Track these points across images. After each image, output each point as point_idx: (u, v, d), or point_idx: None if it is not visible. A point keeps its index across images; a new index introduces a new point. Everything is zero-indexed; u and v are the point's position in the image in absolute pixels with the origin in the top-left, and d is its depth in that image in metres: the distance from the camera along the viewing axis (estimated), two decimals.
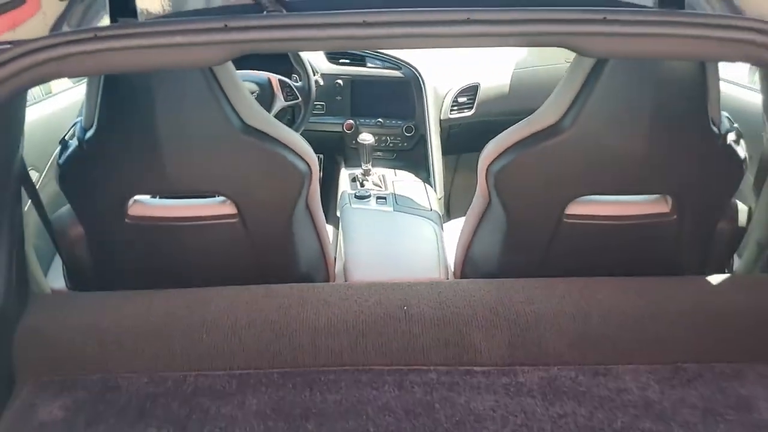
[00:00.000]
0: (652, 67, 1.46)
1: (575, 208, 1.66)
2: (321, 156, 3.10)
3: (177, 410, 1.37)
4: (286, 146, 1.60)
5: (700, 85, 1.46)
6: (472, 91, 2.89)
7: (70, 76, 1.58)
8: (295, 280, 1.72)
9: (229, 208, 1.64)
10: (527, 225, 1.72)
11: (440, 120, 2.88)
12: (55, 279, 1.83)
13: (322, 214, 1.88)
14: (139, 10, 1.27)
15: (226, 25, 1.16)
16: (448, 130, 2.90)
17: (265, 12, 1.20)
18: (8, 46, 1.15)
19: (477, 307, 1.55)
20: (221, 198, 1.65)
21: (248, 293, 1.58)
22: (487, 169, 1.68)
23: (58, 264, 1.87)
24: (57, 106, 2.32)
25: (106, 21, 1.30)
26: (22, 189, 1.55)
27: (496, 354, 1.51)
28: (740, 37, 1.18)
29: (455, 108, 2.89)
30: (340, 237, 2.29)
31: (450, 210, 3.02)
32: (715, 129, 1.52)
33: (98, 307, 1.54)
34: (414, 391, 1.42)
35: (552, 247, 1.73)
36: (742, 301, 1.55)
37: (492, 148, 1.66)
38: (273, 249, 1.71)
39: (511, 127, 1.65)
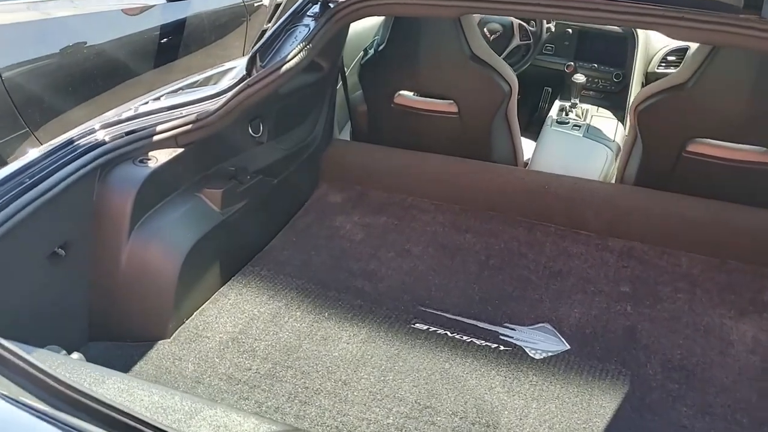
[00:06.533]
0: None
1: (694, 147, 2.33)
2: (549, 89, 3.90)
3: (398, 212, 2.42)
4: (497, 71, 2.49)
5: None
6: (681, 51, 3.44)
7: (375, 15, 2.53)
8: None
9: (453, 108, 2.60)
10: (656, 154, 2.42)
11: (647, 72, 3.49)
12: (344, 136, 2.97)
13: (517, 125, 2.75)
14: None
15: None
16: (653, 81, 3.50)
17: None
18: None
19: (595, 196, 2.35)
20: (449, 100, 2.60)
21: (452, 161, 2.54)
22: (635, 109, 2.41)
23: (346, 129, 3.01)
24: (360, 26, 3.40)
25: None
26: (339, 76, 2.66)
27: (598, 226, 2.31)
28: None
29: (663, 64, 3.47)
30: (534, 149, 3.13)
31: None
32: None
33: (367, 151, 2.64)
34: (536, 234, 2.31)
35: (672, 175, 2.42)
36: None
37: (640, 94, 2.39)
38: (476, 139, 2.64)
39: (657, 81, 2.35)
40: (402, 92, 2.66)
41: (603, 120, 3.27)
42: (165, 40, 3.77)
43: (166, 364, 1.73)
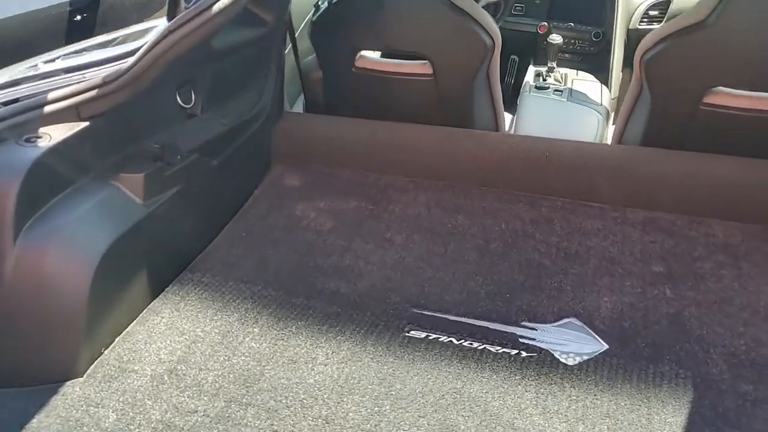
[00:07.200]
0: None
1: (712, 98, 1.96)
2: (516, 58, 3.51)
3: (372, 194, 1.98)
4: (478, 23, 2.07)
5: None
6: (664, 5, 3.10)
7: None
8: None
9: (427, 69, 2.17)
10: (668, 109, 2.05)
11: (628, 30, 3.14)
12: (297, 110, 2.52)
13: (500, 87, 2.35)
14: None
15: None
16: (636, 40, 3.14)
17: None
18: None
19: (605, 161, 1.96)
20: (423, 61, 2.17)
21: (431, 130, 2.12)
22: (641, 58, 2.02)
23: (299, 102, 2.55)
24: None
25: None
26: (287, 35, 2.20)
27: (613, 197, 1.92)
28: None
29: (645, 20, 3.13)
30: (515, 118, 2.73)
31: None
32: None
33: (328, 123, 2.19)
34: (541, 210, 1.91)
35: (687, 132, 2.05)
36: None
37: (647, 40, 2.00)
38: (455, 105, 2.22)
39: (666, 23, 1.97)
40: (364, 53, 2.22)
41: (585, 83, 2.91)
42: (78, 18, 3.24)
43: (77, 415, 1.25)
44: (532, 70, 3.06)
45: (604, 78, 3.06)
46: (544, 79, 2.92)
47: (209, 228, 1.80)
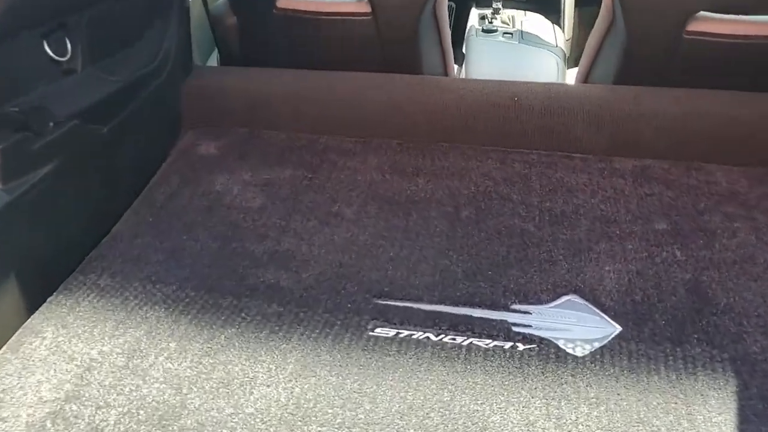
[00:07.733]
0: None
1: (696, 25, 1.69)
2: (453, 4, 3.18)
3: (309, 160, 1.63)
4: None
5: None
6: None
7: None
8: None
9: (365, 6, 1.82)
10: (646, 42, 1.77)
11: None
12: None
13: (448, 28, 2.02)
14: None
15: None
16: None
17: None
18: None
19: (584, 102, 1.66)
20: None
21: (375, 78, 1.77)
22: None
23: (213, 57, 2.16)
24: None
25: None
26: None
27: (596, 144, 1.64)
28: None
29: None
30: (464, 65, 2.42)
31: (576, 61, 3.03)
32: None
33: (248, 77, 1.81)
34: (514, 166, 1.60)
35: (669, 65, 1.77)
36: None
37: None
38: (399, 47, 1.88)
39: None
40: None
41: (536, 24, 2.62)
42: None
43: None
44: (475, 12, 2.76)
45: (555, 19, 2.78)
46: (491, 22, 2.63)
47: (103, 214, 1.40)
